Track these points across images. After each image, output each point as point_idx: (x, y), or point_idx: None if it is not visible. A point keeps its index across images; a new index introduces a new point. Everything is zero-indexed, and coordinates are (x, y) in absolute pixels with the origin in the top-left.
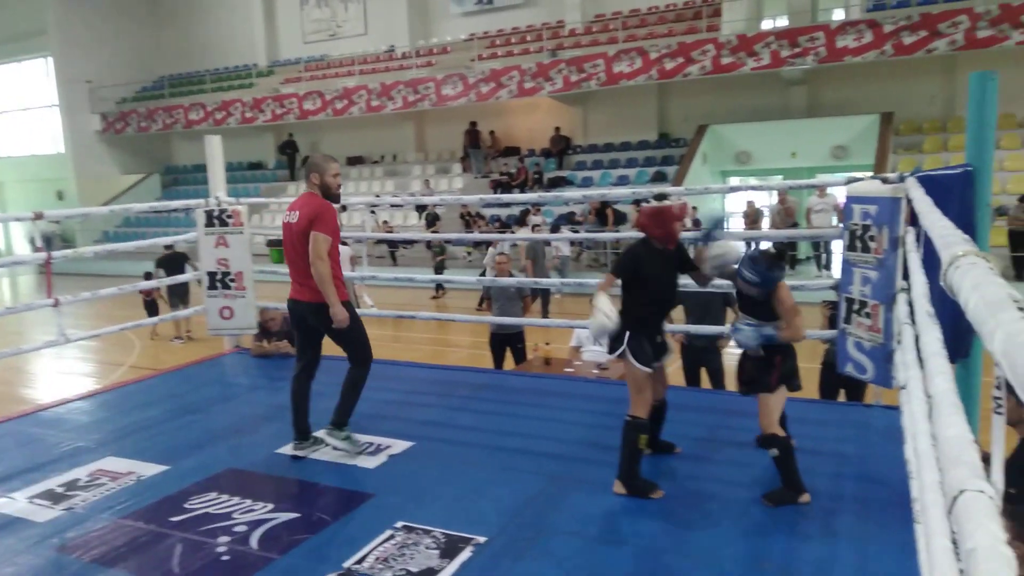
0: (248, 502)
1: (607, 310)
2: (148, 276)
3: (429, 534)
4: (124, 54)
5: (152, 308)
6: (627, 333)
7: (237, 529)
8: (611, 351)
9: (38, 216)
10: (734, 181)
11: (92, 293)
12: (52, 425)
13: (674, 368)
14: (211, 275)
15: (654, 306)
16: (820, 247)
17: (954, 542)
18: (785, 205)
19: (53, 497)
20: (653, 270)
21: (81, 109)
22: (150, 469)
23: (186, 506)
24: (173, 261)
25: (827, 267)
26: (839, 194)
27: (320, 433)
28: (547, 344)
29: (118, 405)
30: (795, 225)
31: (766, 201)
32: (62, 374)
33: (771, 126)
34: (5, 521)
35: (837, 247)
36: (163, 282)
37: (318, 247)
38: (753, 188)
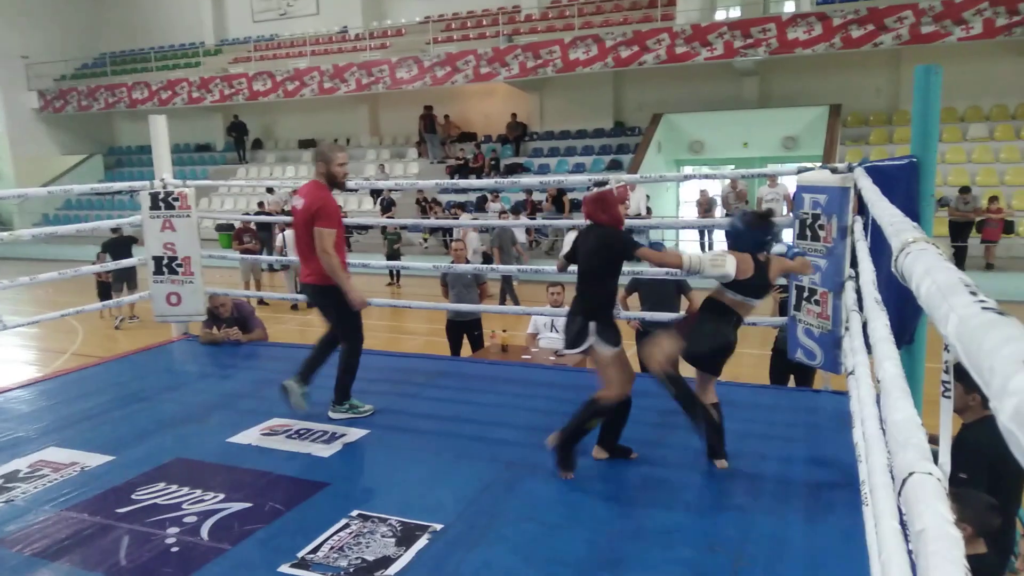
0: (198, 492)
1: None
2: (99, 259)
3: (385, 522)
4: (63, 29)
5: (105, 290)
6: (592, 323)
7: (187, 520)
8: (575, 346)
9: None
10: (687, 170)
11: (31, 278)
12: (4, 410)
13: (629, 355)
14: (157, 260)
15: (613, 290)
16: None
17: (903, 523)
18: (737, 189)
19: None
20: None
21: (17, 86)
22: (95, 460)
23: (133, 497)
24: (120, 245)
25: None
26: (789, 184)
27: (329, 414)
28: (504, 331)
29: (60, 394)
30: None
31: (718, 190)
32: (1, 362)
33: (724, 116)
34: None
35: (788, 236)
36: (108, 266)
37: (323, 243)
38: (706, 177)
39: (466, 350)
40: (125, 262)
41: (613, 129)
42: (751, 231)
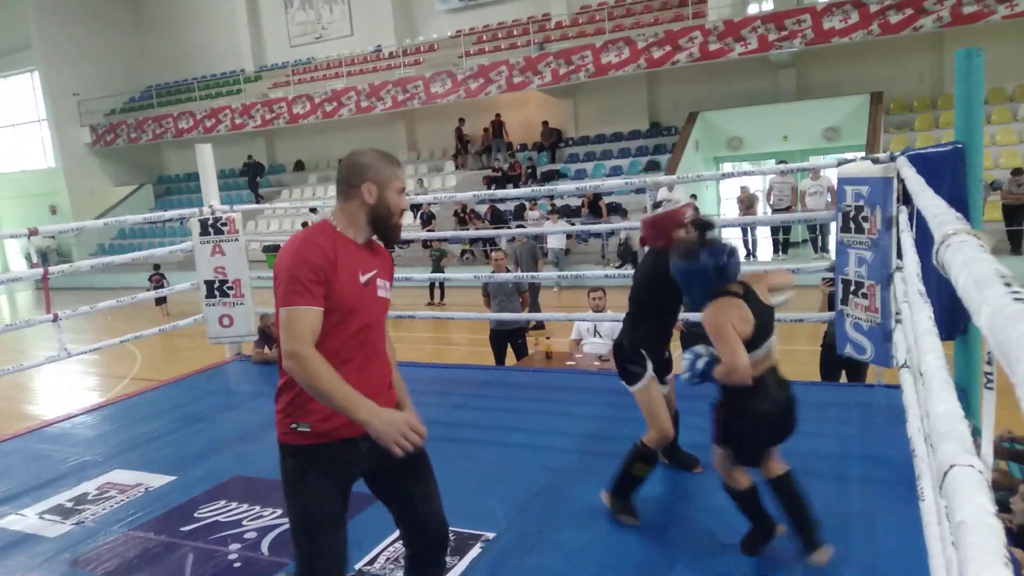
0: (257, 508)
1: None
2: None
3: None
4: (110, 65)
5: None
6: (646, 353)
7: (247, 536)
8: (634, 381)
9: (33, 232)
10: (727, 167)
11: (91, 307)
12: (58, 440)
13: (674, 356)
14: (208, 284)
15: (671, 318)
16: (816, 230)
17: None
18: (745, 195)
19: (63, 512)
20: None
21: (70, 122)
22: (158, 480)
23: (196, 515)
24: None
25: (824, 249)
26: (833, 176)
27: None
28: (547, 338)
29: (122, 417)
30: (789, 208)
31: (760, 186)
32: (65, 389)
33: (761, 110)
34: (17, 538)
35: (833, 229)
36: (162, 292)
37: (286, 332)
38: (746, 173)
39: (511, 359)
40: (178, 287)
41: (649, 130)
42: (701, 259)
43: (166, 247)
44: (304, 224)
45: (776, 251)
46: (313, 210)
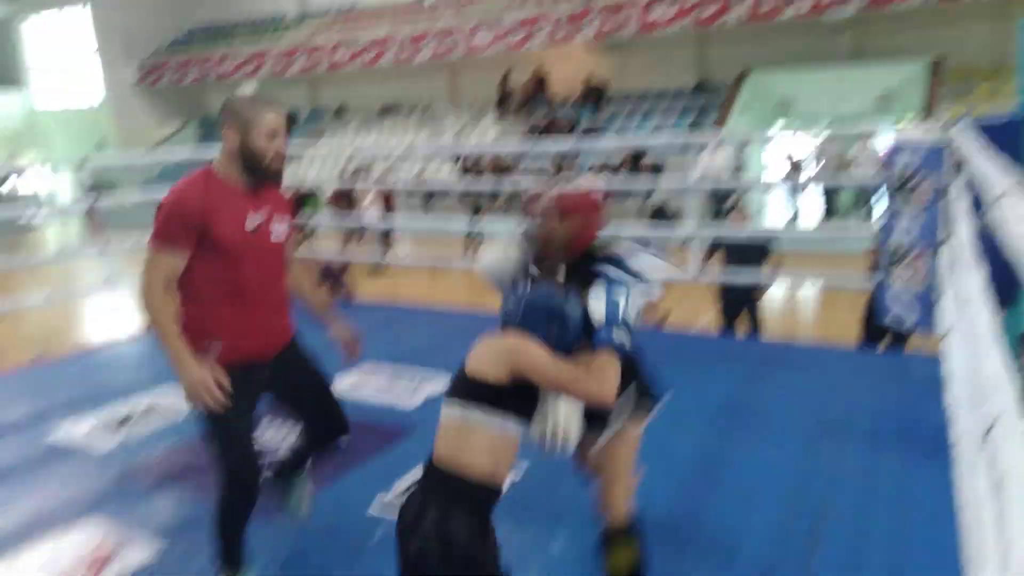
0: (292, 435)
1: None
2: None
3: None
4: (157, 4)
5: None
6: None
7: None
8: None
9: (83, 164)
10: (774, 131)
11: (137, 239)
12: (107, 362)
13: (710, 317)
14: None
15: None
16: (864, 196)
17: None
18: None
19: (112, 428)
20: None
21: (118, 61)
22: None
23: None
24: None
25: (871, 217)
26: (884, 143)
27: None
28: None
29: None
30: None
31: (808, 152)
32: (112, 315)
33: (815, 73)
34: (70, 450)
35: (882, 196)
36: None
37: (143, 274)
38: (794, 136)
39: None
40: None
41: (695, 89)
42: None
43: None
44: (341, 173)
45: (824, 217)
46: (351, 157)
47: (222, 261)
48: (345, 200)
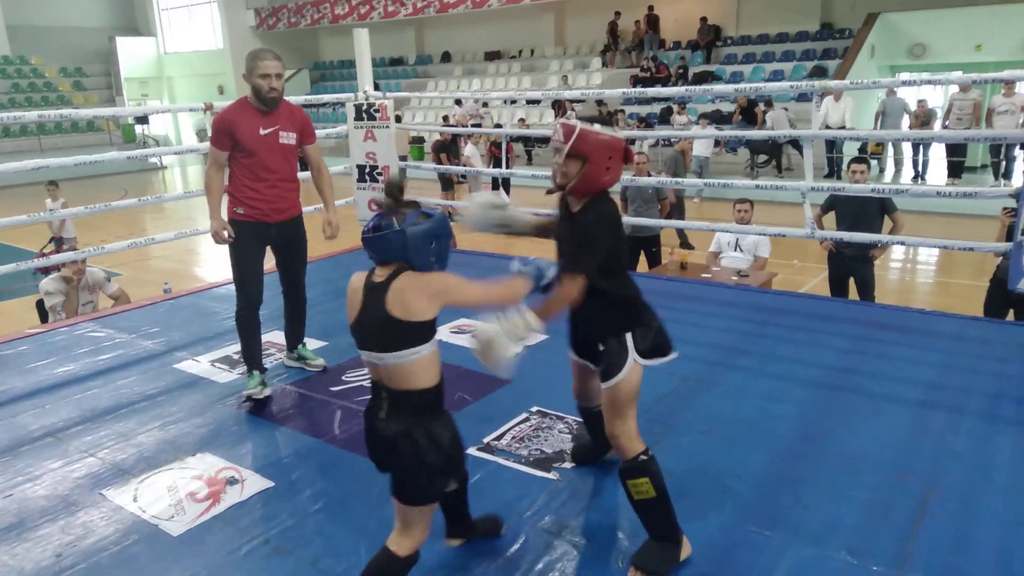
0: None
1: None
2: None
3: (563, 420)
4: None
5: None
6: (628, 333)
7: None
8: (613, 374)
9: (208, 107)
10: (904, 77)
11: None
12: (224, 300)
13: (820, 279)
14: (360, 168)
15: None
16: (1001, 152)
17: None
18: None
19: (231, 363)
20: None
21: (238, 5)
22: (312, 344)
23: (343, 378)
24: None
25: (1007, 176)
26: None
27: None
28: (683, 248)
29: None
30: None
31: (940, 101)
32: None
33: (953, 14)
34: (193, 379)
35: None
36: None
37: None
38: (927, 83)
39: (642, 266)
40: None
41: (819, 31)
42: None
43: (321, 131)
44: (445, 118)
45: (951, 175)
46: (458, 102)
47: (246, 155)
48: (447, 150)
